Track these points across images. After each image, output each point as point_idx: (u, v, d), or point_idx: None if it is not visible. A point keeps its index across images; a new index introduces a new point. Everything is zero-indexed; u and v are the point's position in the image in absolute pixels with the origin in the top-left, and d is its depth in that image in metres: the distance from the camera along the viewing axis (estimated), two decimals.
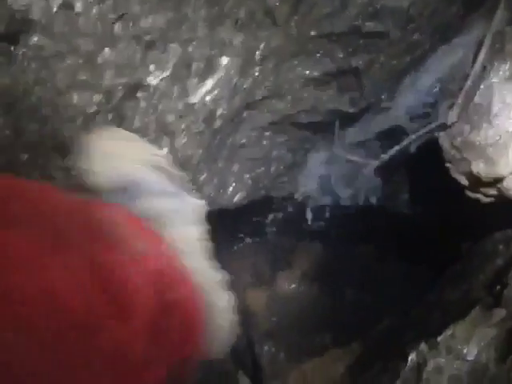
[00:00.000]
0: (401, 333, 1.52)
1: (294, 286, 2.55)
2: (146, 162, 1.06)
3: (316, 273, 2.56)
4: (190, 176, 1.67)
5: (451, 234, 1.87)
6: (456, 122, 1.47)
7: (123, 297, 0.81)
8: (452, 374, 1.02)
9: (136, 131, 1.38)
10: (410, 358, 1.10)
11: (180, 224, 1.01)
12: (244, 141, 1.69)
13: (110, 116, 1.31)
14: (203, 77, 1.37)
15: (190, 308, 0.92)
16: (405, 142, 1.60)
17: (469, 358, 1.03)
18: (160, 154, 1.17)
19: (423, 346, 1.08)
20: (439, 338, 1.07)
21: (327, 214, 2.30)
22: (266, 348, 2.27)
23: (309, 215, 2.31)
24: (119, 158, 1.04)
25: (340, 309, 2.40)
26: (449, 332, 1.06)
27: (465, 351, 1.02)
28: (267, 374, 2.10)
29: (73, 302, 0.74)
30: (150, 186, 1.03)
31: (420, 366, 1.03)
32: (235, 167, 1.81)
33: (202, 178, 1.68)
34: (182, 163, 1.57)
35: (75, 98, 1.22)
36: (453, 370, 0.99)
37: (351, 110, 1.59)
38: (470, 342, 1.04)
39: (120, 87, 1.27)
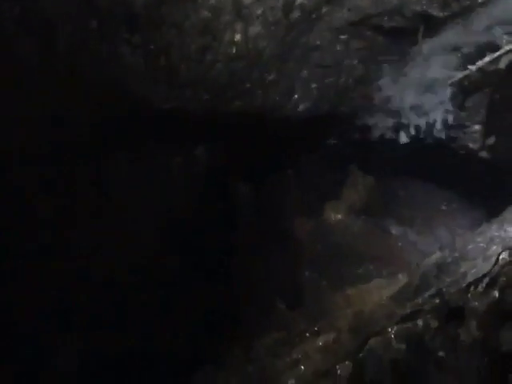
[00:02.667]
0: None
1: (339, 216, 2.46)
2: None
3: (363, 206, 2.46)
4: (258, 74, 1.56)
5: None
6: None
7: None
8: None
9: (209, 10, 1.28)
10: None
11: None
12: (318, 43, 1.55)
13: None
14: None
15: None
16: (495, 55, 1.44)
17: None
18: None
19: None
20: None
21: (388, 145, 2.13)
22: (307, 274, 2.22)
23: (369, 144, 2.16)
24: None
25: (385, 242, 2.33)
26: None
27: None
28: (308, 299, 2.05)
29: None
30: None
31: None
32: (304, 73, 1.68)
33: (270, 78, 1.57)
34: (252, 57, 1.46)
35: None
36: None
37: (441, 14, 1.44)
38: None
39: None
